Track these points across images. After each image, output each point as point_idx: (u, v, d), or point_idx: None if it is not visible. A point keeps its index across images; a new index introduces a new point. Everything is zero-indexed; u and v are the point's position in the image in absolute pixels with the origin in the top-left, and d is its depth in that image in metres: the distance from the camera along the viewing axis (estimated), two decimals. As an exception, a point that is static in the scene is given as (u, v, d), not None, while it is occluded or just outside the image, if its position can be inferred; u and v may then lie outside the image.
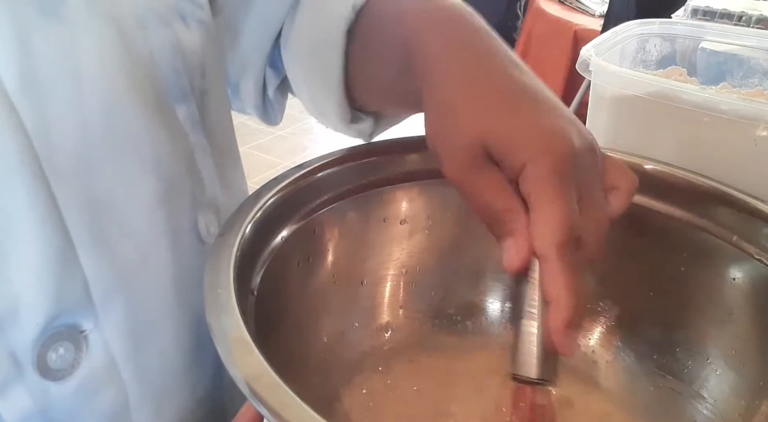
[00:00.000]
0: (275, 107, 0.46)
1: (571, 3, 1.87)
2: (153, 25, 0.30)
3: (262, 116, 0.47)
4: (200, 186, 0.34)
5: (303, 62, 0.40)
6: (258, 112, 0.47)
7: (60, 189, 0.26)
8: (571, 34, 1.70)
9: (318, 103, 0.40)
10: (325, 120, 0.42)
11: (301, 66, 0.41)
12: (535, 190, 0.25)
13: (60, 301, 0.27)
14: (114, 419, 0.31)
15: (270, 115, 0.47)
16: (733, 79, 0.62)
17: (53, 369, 0.28)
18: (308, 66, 0.40)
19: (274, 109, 0.47)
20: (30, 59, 0.25)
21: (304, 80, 0.41)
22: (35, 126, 0.25)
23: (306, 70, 0.40)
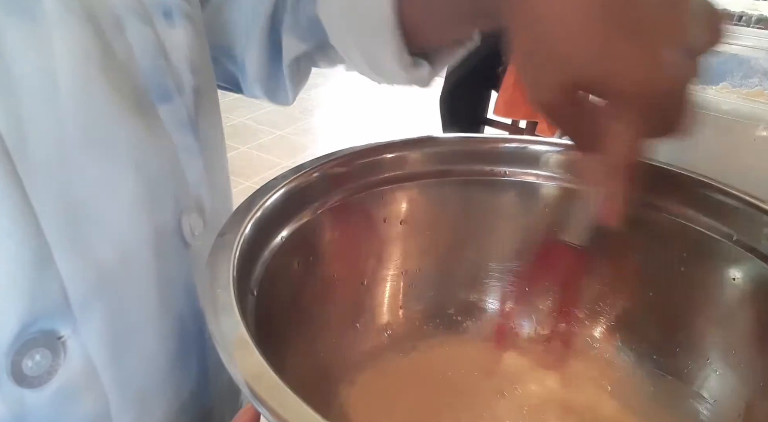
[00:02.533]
0: (287, 83, 0.44)
1: (571, 3, 1.86)
2: (132, 23, 0.29)
3: (270, 94, 0.45)
4: (184, 187, 0.33)
5: (349, 18, 0.38)
6: (265, 90, 0.45)
7: (34, 190, 0.25)
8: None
9: (372, 57, 0.38)
10: (380, 74, 0.40)
11: (347, 23, 0.38)
12: (620, 120, 0.26)
13: (35, 306, 0.26)
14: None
15: (280, 92, 0.45)
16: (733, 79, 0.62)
17: (29, 376, 0.27)
18: (355, 20, 0.38)
19: (285, 85, 0.45)
20: (3, 58, 0.24)
21: (353, 37, 0.39)
22: (8, 125, 0.24)
23: (353, 26, 0.38)
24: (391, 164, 0.39)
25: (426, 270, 0.42)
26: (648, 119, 0.26)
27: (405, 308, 0.42)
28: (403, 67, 0.37)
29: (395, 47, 0.36)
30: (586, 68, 0.25)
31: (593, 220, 0.32)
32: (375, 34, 0.37)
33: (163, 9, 0.31)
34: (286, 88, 0.45)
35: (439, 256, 0.42)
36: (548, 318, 0.42)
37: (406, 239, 0.41)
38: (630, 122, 0.26)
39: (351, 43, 0.39)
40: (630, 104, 0.26)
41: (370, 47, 0.38)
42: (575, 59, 0.25)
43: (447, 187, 0.41)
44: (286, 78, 0.44)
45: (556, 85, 0.26)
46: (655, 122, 0.27)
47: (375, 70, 0.40)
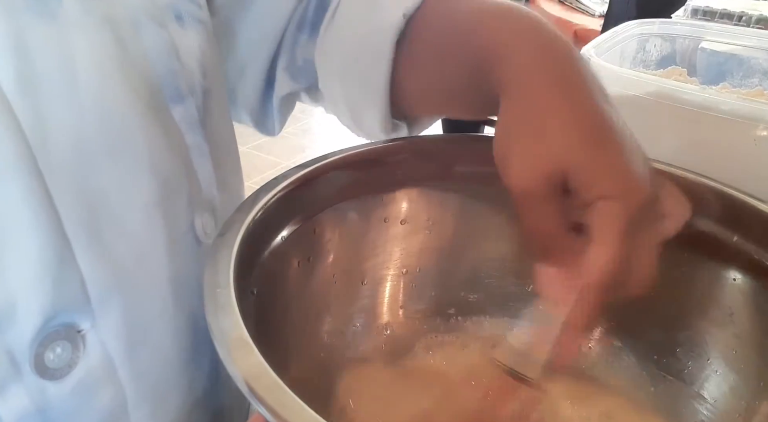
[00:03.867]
0: (276, 116, 0.45)
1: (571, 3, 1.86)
2: (147, 25, 0.30)
3: (258, 125, 0.46)
4: (197, 187, 0.34)
5: (343, 73, 0.39)
6: (254, 119, 0.46)
7: (56, 188, 0.26)
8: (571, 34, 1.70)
9: (357, 114, 0.40)
10: (361, 131, 0.41)
11: (340, 77, 0.40)
12: (601, 227, 0.27)
13: (57, 300, 0.27)
14: (112, 419, 0.31)
15: (267, 124, 0.46)
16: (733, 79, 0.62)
17: (51, 368, 0.28)
18: (349, 77, 0.39)
19: (274, 118, 0.46)
20: (26, 58, 0.25)
21: (342, 92, 0.40)
22: (31, 124, 0.25)
23: (346, 82, 0.39)
24: (391, 164, 0.39)
25: (426, 270, 0.42)
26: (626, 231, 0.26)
27: (405, 308, 0.42)
28: (384, 130, 0.39)
29: (380, 114, 0.38)
30: (577, 164, 0.27)
31: (549, 355, 0.29)
32: (364, 96, 0.38)
33: (175, 12, 0.32)
34: (273, 120, 0.46)
35: (439, 256, 0.42)
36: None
37: (406, 239, 0.41)
38: (607, 231, 0.26)
39: (339, 95, 0.40)
40: (611, 206, 0.26)
41: (356, 105, 0.39)
42: (567, 154, 0.27)
43: (447, 187, 0.41)
44: (275, 111, 0.45)
45: (542, 172, 0.27)
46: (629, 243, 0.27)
47: (356, 124, 0.41)
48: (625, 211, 0.26)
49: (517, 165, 0.28)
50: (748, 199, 0.35)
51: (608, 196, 0.26)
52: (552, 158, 0.27)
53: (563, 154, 0.27)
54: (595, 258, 0.27)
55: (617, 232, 0.26)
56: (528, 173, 0.27)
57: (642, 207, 0.26)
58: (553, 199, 0.27)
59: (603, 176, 0.26)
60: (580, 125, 0.27)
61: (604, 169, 0.26)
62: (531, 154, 0.28)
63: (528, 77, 0.29)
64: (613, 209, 0.26)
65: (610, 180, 0.26)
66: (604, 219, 0.26)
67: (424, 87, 0.37)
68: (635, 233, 0.27)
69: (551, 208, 0.28)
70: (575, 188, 0.27)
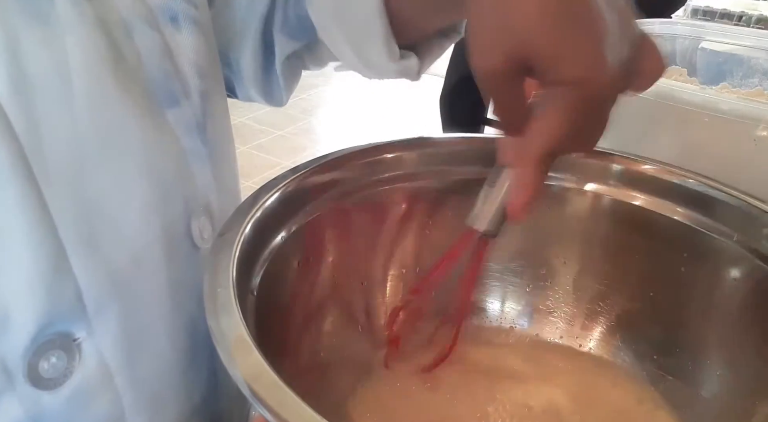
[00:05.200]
0: (281, 83, 0.44)
1: (571, 3, 1.86)
2: (139, 28, 0.29)
3: (266, 96, 0.46)
4: (193, 191, 0.33)
5: (336, 10, 0.38)
6: (260, 92, 0.45)
7: (51, 194, 0.26)
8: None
9: (360, 49, 0.39)
10: (368, 67, 0.40)
11: (334, 15, 0.39)
12: (552, 107, 0.27)
13: (52, 309, 0.26)
14: None
15: (274, 93, 0.46)
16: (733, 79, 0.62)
17: (45, 378, 0.27)
18: (343, 12, 0.38)
19: (280, 86, 0.45)
20: (19, 62, 0.24)
21: (340, 30, 0.39)
22: (25, 129, 0.25)
23: (340, 18, 0.38)
24: (390, 164, 0.39)
25: (426, 270, 0.42)
26: (581, 112, 0.27)
27: (405, 308, 0.42)
28: (392, 58, 0.38)
29: (383, 37, 0.37)
30: (536, 43, 0.26)
31: (502, 210, 0.32)
32: (363, 25, 0.37)
33: (169, 14, 0.31)
34: (280, 89, 0.45)
35: (439, 256, 0.42)
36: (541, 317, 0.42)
37: (406, 239, 0.41)
38: (566, 109, 0.27)
39: (340, 37, 0.39)
40: (566, 90, 0.26)
41: (358, 39, 0.38)
42: (528, 32, 0.26)
43: (447, 187, 0.41)
44: (280, 77, 0.44)
45: (502, 51, 0.26)
46: (579, 121, 0.27)
47: (364, 62, 0.40)
48: (580, 98, 0.26)
49: (478, 43, 0.27)
50: (748, 199, 0.35)
51: (567, 81, 0.26)
52: (512, 37, 0.26)
53: (523, 34, 0.26)
54: (535, 135, 0.28)
55: (565, 117, 0.27)
56: (490, 51, 0.27)
57: (601, 93, 0.26)
58: (516, 78, 0.27)
59: (562, 61, 0.26)
60: (546, 3, 0.26)
61: (565, 54, 0.26)
62: (495, 31, 0.27)
63: None
64: (568, 95, 0.26)
65: (569, 66, 0.26)
66: (556, 102, 0.27)
67: None
68: (591, 109, 0.27)
69: (514, 87, 0.28)
70: (536, 69, 0.26)
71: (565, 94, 0.26)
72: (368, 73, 0.41)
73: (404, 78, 0.40)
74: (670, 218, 0.38)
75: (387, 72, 0.40)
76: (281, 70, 0.43)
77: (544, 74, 0.26)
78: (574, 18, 0.26)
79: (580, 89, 0.26)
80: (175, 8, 0.32)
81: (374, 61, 0.39)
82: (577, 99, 0.26)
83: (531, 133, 0.28)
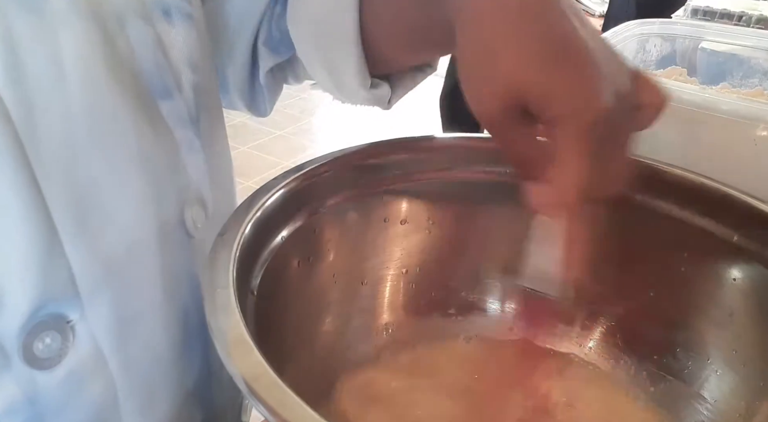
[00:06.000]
0: (265, 95, 0.45)
1: (571, 3, 1.86)
2: (133, 21, 0.30)
3: (251, 107, 0.46)
4: (186, 181, 0.34)
5: (314, 32, 0.39)
6: (245, 102, 0.46)
7: (45, 178, 0.26)
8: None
9: (334, 73, 0.39)
10: (341, 91, 0.41)
11: (312, 37, 0.39)
12: (564, 144, 0.27)
13: (45, 290, 0.27)
14: (102, 411, 0.31)
15: (259, 104, 0.46)
16: (733, 79, 0.62)
17: (40, 358, 0.28)
18: (321, 33, 0.38)
19: (264, 97, 0.45)
20: (14, 51, 0.25)
21: (317, 52, 0.39)
22: (19, 115, 0.25)
23: (319, 40, 0.39)
24: (391, 164, 0.39)
25: (426, 270, 0.42)
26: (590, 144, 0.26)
27: (405, 308, 0.42)
28: (363, 85, 0.38)
29: (356, 65, 0.37)
30: (527, 84, 0.26)
31: (561, 270, 0.30)
32: (338, 52, 0.37)
33: (162, 8, 0.32)
34: (264, 100, 0.46)
35: (439, 256, 0.42)
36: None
37: (407, 238, 0.41)
38: (574, 144, 0.26)
39: (315, 58, 0.40)
40: (572, 124, 0.26)
41: (332, 63, 0.39)
42: (517, 76, 0.26)
43: (447, 187, 0.41)
44: (264, 89, 0.45)
45: (497, 97, 0.27)
46: (596, 154, 0.27)
47: (336, 86, 0.40)
48: (584, 127, 0.26)
49: (474, 92, 0.28)
50: (748, 199, 0.35)
51: (564, 115, 0.26)
52: (503, 83, 0.26)
53: (513, 78, 0.26)
54: (562, 179, 0.27)
55: (577, 150, 0.26)
56: (485, 99, 0.27)
57: (604, 118, 0.26)
58: (520, 122, 0.27)
59: (556, 95, 0.26)
60: (531, 45, 0.26)
61: (558, 88, 0.26)
62: (484, 79, 0.27)
63: (475, 5, 0.28)
64: (571, 127, 0.26)
65: (564, 99, 0.26)
66: (564, 138, 0.26)
67: (387, 28, 0.36)
68: (602, 140, 0.26)
69: (520, 131, 0.28)
70: (533, 110, 0.27)
71: (570, 129, 0.26)
72: (340, 96, 0.42)
73: (376, 105, 0.40)
74: (670, 217, 0.38)
75: (358, 98, 0.40)
76: (265, 81, 0.44)
77: (543, 112, 0.27)
78: (559, 53, 0.26)
79: (581, 119, 0.26)
80: (167, 3, 0.32)
81: (346, 87, 0.39)
82: (583, 130, 0.26)
83: (556, 178, 0.27)
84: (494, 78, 0.27)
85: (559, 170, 0.27)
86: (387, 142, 0.40)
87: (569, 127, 0.26)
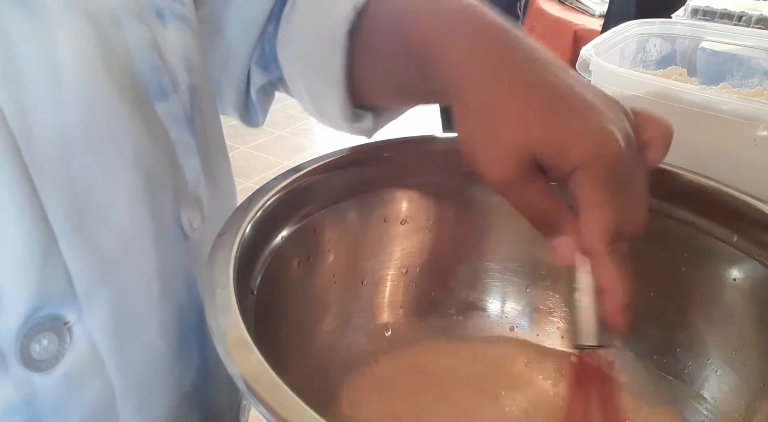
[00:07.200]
0: (257, 108, 0.46)
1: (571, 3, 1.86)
2: (128, 22, 0.30)
3: (243, 117, 0.47)
4: (182, 182, 0.34)
5: (302, 63, 0.40)
6: (239, 113, 0.46)
7: (40, 179, 0.26)
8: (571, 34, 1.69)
9: (318, 104, 0.40)
10: (324, 120, 0.41)
11: (300, 66, 0.40)
12: (585, 193, 0.27)
13: (42, 292, 0.27)
14: (99, 412, 0.31)
15: (252, 116, 0.46)
16: (733, 79, 0.62)
17: (37, 359, 0.27)
18: (308, 67, 0.39)
19: (256, 110, 0.46)
20: (9, 51, 0.25)
21: (303, 81, 0.40)
22: (15, 115, 0.25)
23: (306, 71, 0.40)
24: (391, 164, 0.39)
25: (426, 270, 0.42)
26: (610, 187, 0.27)
27: (405, 308, 0.42)
28: (346, 119, 0.39)
29: (340, 101, 0.37)
30: (538, 143, 0.27)
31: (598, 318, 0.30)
32: (323, 86, 0.38)
33: (155, 9, 0.32)
34: (257, 112, 0.46)
35: (439, 256, 0.42)
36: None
37: (406, 239, 0.41)
38: (595, 191, 0.27)
39: (300, 85, 0.41)
40: (589, 171, 0.26)
41: (317, 94, 0.39)
42: (526, 136, 0.27)
43: (447, 187, 0.41)
44: (255, 103, 0.45)
45: (509, 161, 0.27)
46: (617, 197, 0.27)
47: (320, 114, 0.41)
48: (603, 173, 0.26)
49: (484, 159, 0.28)
50: (748, 199, 0.35)
51: (580, 164, 0.26)
52: (514, 144, 0.27)
53: (524, 137, 0.27)
54: (589, 227, 0.27)
55: (599, 196, 0.27)
56: (497, 165, 0.27)
57: (621, 164, 0.27)
58: (532, 180, 0.28)
59: (569, 147, 0.26)
60: (531, 102, 0.27)
61: (569, 139, 0.26)
62: (493, 145, 0.27)
63: (468, 70, 0.29)
64: (592, 175, 0.26)
65: (577, 149, 0.26)
66: (584, 187, 0.27)
67: (378, 79, 0.37)
68: (620, 183, 0.27)
69: (534, 188, 0.28)
70: (549, 166, 0.27)
71: (589, 177, 0.26)
72: (324, 122, 0.42)
73: (359, 135, 0.41)
74: (670, 218, 0.38)
75: (341, 128, 0.41)
76: (256, 97, 0.45)
77: (558, 167, 0.27)
78: (560, 103, 0.27)
79: (598, 165, 0.26)
80: (160, 4, 0.32)
81: (329, 117, 0.40)
82: (601, 176, 0.26)
83: (584, 227, 0.28)
84: (502, 142, 0.27)
85: (584, 219, 0.27)
86: (387, 142, 0.40)
87: (587, 175, 0.26)
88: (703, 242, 0.37)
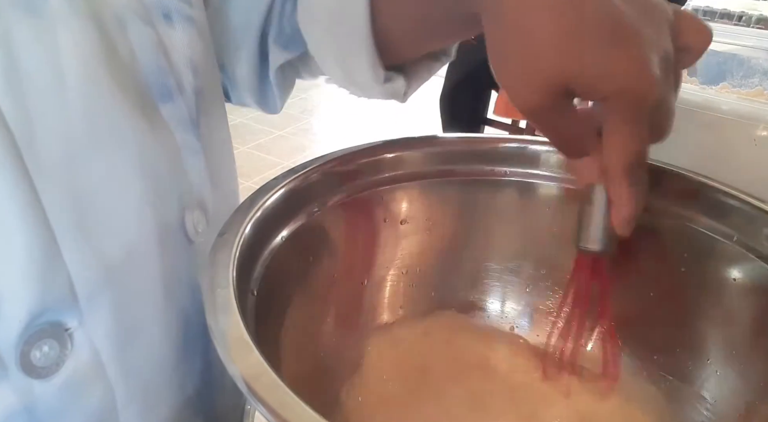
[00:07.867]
0: (275, 91, 0.45)
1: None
2: (133, 23, 0.30)
3: (260, 102, 0.46)
4: (187, 185, 0.33)
5: (327, 24, 0.38)
6: (255, 97, 0.45)
7: (43, 184, 0.26)
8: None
9: (347, 68, 0.39)
10: (356, 86, 0.40)
11: (324, 32, 0.39)
12: (613, 119, 0.27)
13: (44, 298, 0.27)
14: (101, 418, 0.30)
15: (269, 101, 0.46)
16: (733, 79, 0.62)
17: (37, 366, 0.27)
18: (332, 29, 0.38)
19: (274, 94, 0.45)
20: (11, 54, 0.25)
21: (329, 47, 0.39)
22: (17, 121, 0.25)
23: (331, 35, 0.38)
24: (391, 163, 0.39)
25: (426, 270, 0.42)
26: (640, 119, 0.27)
27: (405, 308, 0.42)
28: (377, 80, 0.38)
29: (369, 60, 0.36)
30: (570, 69, 0.25)
31: (607, 224, 0.31)
32: (350, 46, 0.37)
33: (162, 10, 0.32)
34: (275, 96, 0.45)
35: (439, 256, 0.42)
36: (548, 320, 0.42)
37: (407, 239, 0.41)
38: (624, 121, 0.27)
39: (328, 54, 0.40)
40: (621, 103, 0.26)
41: (345, 59, 0.38)
42: (558, 61, 0.25)
43: (447, 187, 0.41)
44: (274, 86, 0.44)
45: (540, 88, 0.26)
46: (646, 124, 0.27)
47: (351, 81, 0.40)
48: (634, 104, 0.26)
49: (514, 87, 0.27)
50: (748, 199, 0.35)
51: (616, 93, 0.26)
52: (544, 72, 0.26)
53: (559, 70, 0.26)
54: (611, 151, 0.28)
55: (628, 124, 0.27)
56: (527, 92, 0.27)
57: (654, 97, 0.26)
58: (562, 107, 0.27)
59: (604, 80, 0.25)
60: (568, 23, 0.25)
61: (604, 71, 0.25)
62: (525, 68, 0.26)
63: None
64: (620, 105, 0.26)
65: (611, 84, 0.25)
66: (612, 114, 0.27)
67: (404, 21, 0.36)
68: (650, 110, 0.26)
69: (563, 115, 0.28)
70: (579, 92, 0.26)
71: (620, 106, 0.26)
72: (356, 91, 0.41)
73: (392, 99, 0.40)
74: (670, 218, 0.38)
75: (373, 93, 0.40)
76: (275, 78, 0.44)
77: (590, 94, 0.26)
78: (596, 29, 0.25)
79: (629, 97, 0.26)
80: (168, 5, 0.32)
81: (360, 82, 0.39)
82: (633, 106, 0.26)
83: (607, 151, 0.28)
84: (536, 67, 0.26)
85: (607, 143, 0.28)
86: (387, 142, 0.40)
87: (618, 105, 0.26)
88: (703, 242, 0.37)
